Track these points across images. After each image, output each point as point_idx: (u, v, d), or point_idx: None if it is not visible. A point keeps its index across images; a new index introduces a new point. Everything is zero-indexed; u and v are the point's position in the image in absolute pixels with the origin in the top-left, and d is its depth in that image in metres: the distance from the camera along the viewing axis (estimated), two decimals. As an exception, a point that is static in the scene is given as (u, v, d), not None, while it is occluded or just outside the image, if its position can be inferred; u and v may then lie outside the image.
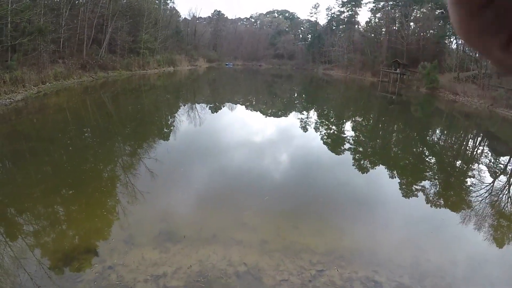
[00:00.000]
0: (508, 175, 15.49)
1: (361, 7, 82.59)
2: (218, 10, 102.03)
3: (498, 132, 28.71)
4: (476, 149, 21.80)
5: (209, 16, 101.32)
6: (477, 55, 50.16)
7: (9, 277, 5.53)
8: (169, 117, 21.63)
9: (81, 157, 11.78)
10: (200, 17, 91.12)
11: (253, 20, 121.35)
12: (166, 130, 17.61)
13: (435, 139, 23.33)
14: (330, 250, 6.87)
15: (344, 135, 20.29)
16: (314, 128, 21.11)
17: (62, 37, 29.59)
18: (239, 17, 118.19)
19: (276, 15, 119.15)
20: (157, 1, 55.75)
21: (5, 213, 7.61)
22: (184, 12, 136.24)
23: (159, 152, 12.88)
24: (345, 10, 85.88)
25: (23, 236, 6.67)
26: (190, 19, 75.16)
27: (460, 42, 57.22)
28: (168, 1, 64.98)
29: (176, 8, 78.83)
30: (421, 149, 19.24)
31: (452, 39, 59.28)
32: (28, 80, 21.93)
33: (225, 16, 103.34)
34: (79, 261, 5.84)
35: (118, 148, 13.73)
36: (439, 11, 59.98)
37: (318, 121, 24.77)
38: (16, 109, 18.20)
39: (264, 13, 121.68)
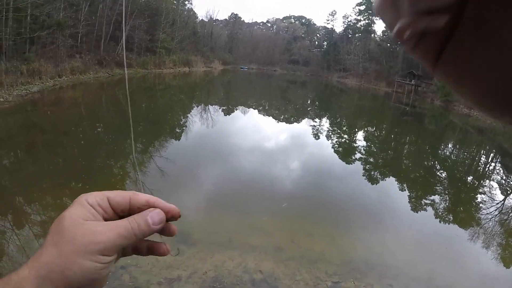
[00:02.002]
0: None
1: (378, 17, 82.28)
2: (235, 13, 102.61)
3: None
4: (488, 165, 21.45)
5: (225, 19, 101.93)
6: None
7: (14, 266, 5.44)
8: (182, 117, 21.61)
9: (93, 152, 11.80)
10: (217, 19, 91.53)
11: (269, 24, 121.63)
12: (178, 130, 17.60)
13: (447, 153, 22.98)
14: (346, 261, 6.71)
15: (356, 145, 20.07)
16: (326, 136, 20.90)
17: (80, 32, 29.91)
18: (256, 21, 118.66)
19: (293, 21, 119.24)
20: (175, 2, 56.11)
21: (13, 201, 7.59)
22: (201, 13, 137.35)
23: (170, 151, 12.87)
24: (362, 19, 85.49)
25: (30, 225, 6.59)
26: (207, 20, 75.59)
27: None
28: (186, 2, 65.42)
29: (194, 9, 79.40)
30: (432, 162, 18.97)
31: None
32: (45, 72, 22.17)
33: (241, 20, 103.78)
34: (90, 260, 5.77)
35: (129, 145, 13.76)
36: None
37: (331, 129, 24.56)
38: (31, 101, 18.36)
39: (281, 18, 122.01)
